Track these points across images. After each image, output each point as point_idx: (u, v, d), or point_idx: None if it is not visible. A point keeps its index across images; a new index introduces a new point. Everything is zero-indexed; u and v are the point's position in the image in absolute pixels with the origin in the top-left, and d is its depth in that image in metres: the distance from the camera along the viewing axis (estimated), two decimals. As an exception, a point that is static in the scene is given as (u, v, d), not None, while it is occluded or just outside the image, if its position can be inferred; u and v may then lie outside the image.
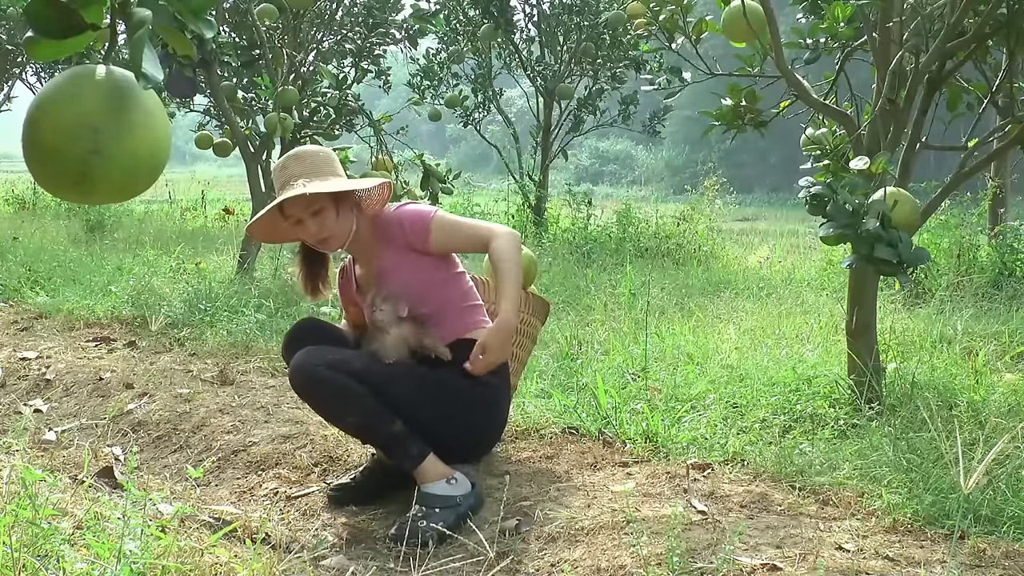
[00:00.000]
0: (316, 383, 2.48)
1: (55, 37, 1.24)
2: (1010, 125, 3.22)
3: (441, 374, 2.60)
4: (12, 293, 6.04)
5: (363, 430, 2.59)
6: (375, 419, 2.50)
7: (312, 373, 2.48)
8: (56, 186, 1.27)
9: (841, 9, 3.32)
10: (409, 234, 2.63)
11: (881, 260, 2.66)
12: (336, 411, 2.56)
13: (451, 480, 2.53)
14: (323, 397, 2.52)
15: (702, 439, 3.00)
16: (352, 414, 2.51)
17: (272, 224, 2.66)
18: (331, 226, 2.60)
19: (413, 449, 2.52)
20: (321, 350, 2.54)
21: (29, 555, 1.70)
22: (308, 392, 2.53)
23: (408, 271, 2.65)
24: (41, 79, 13.15)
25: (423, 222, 2.62)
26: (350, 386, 2.47)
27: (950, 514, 2.34)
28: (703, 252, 8.67)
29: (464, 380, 2.59)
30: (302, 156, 2.62)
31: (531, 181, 10.67)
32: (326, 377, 2.47)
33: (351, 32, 7.79)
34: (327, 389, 2.48)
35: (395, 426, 2.50)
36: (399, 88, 11.18)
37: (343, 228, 2.62)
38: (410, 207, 2.67)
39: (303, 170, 2.57)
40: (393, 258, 2.66)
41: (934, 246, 6.71)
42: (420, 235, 2.62)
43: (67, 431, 3.46)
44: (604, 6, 10.00)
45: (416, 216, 2.64)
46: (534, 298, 3.12)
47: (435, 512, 2.45)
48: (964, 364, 3.81)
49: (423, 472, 2.52)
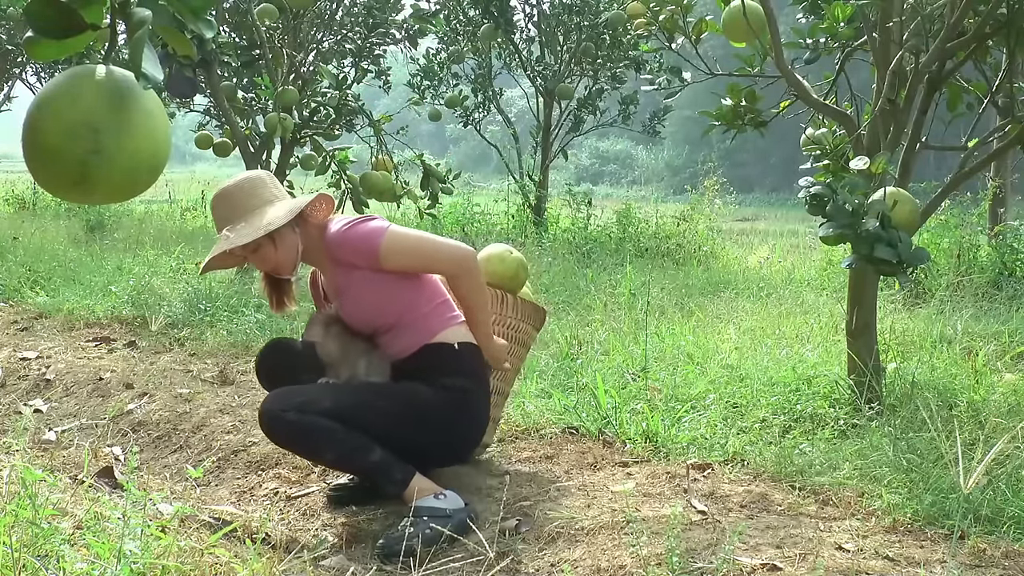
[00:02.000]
0: (286, 428, 2.46)
1: (55, 37, 1.24)
2: (1010, 125, 3.22)
3: (410, 386, 2.58)
4: (12, 293, 6.04)
5: (341, 464, 2.59)
6: (352, 452, 2.48)
7: (280, 418, 2.45)
8: (56, 186, 1.27)
9: (841, 9, 3.32)
10: (357, 255, 2.56)
11: (881, 260, 2.66)
12: (311, 451, 2.56)
13: (439, 496, 2.50)
14: (296, 440, 2.50)
15: (702, 439, 3.00)
16: (327, 451, 2.49)
17: (224, 259, 2.64)
18: (272, 258, 2.58)
19: (396, 474, 2.50)
20: (289, 393, 2.52)
21: (29, 555, 1.70)
22: (279, 437, 2.51)
23: (362, 287, 2.59)
24: (41, 79, 13.15)
25: (371, 243, 2.53)
26: (320, 424, 2.44)
27: (950, 514, 2.34)
28: (703, 252, 8.66)
29: (432, 388, 2.57)
30: (224, 197, 2.58)
31: (531, 181, 10.67)
32: (294, 420, 2.44)
33: (351, 32, 7.79)
34: (297, 432, 2.46)
35: (374, 455, 2.48)
36: (399, 88, 11.18)
37: (287, 255, 2.58)
38: (360, 227, 2.56)
39: (229, 212, 2.55)
40: (344, 277, 2.61)
41: (934, 246, 6.71)
42: (369, 256, 2.55)
43: (67, 431, 3.46)
44: (604, 6, 10.00)
45: (365, 237, 2.55)
46: (527, 304, 3.03)
47: (422, 521, 2.41)
48: (964, 364, 3.81)
49: (411, 493, 2.49)
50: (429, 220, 6.64)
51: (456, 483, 2.77)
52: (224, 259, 2.64)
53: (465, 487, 2.75)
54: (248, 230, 2.51)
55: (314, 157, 6.76)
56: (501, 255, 3.01)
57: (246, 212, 2.54)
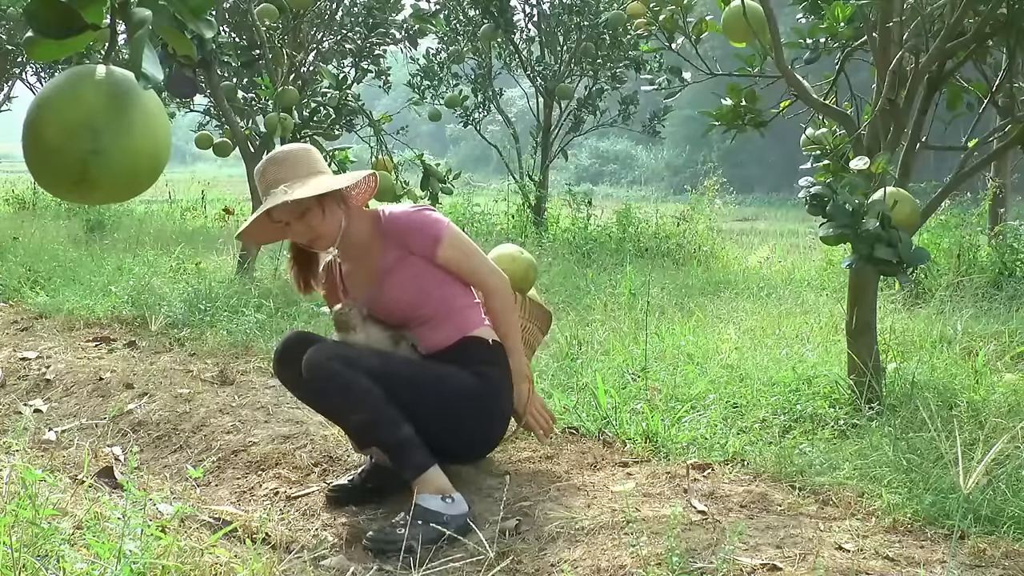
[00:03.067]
0: (327, 375, 2.46)
1: (55, 37, 1.24)
2: (1010, 125, 3.22)
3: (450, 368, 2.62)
4: (12, 293, 6.04)
5: (370, 429, 2.53)
6: (382, 421, 2.47)
7: (324, 365, 2.45)
8: (56, 186, 1.27)
9: (841, 9, 3.32)
10: (419, 239, 2.63)
11: (881, 260, 2.66)
12: (342, 407, 2.53)
13: (447, 498, 2.47)
14: (331, 391, 2.49)
15: (702, 439, 3.00)
16: (360, 411, 2.48)
17: (262, 228, 2.65)
18: (318, 226, 2.59)
19: (417, 457, 2.48)
20: (337, 346, 2.55)
21: (29, 555, 1.70)
22: (316, 384, 2.50)
23: (410, 270, 2.64)
24: (41, 79, 13.15)
25: (436, 230, 2.63)
26: (362, 383, 2.45)
27: (950, 514, 2.34)
28: (703, 252, 8.66)
29: (468, 372, 2.61)
30: (280, 160, 2.60)
31: (531, 181, 10.67)
32: (339, 371, 2.44)
33: (351, 32, 7.80)
34: (338, 384, 2.45)
35: (401, 432, 2.48)
36: (399, 88, 11.18)
37: (331, 227, 2.60)
38: (425, 213, 2.67)
39: (284, 174, 2.55)
40: (396, 259, 2.65)
41: (934, 246, 6.71)
42: (431, 242, 2.63)
43: (67, 431, 3.46)
44: (604, 6, 10.00)
45: (431, 223, 2.65)
46: (534, 305, 3.09)
47: (417, 525, 2.39)
48: (964, 364, 3.81)
49: (422, 483, 2.48)
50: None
51: (456, 483, 2.77)
52: (263, 228, 2.63)
53: (465, 487, 2.75)
54: (304, 189, 2.50)
55: (314, 157, 6.75)
56: (512, 255, 3.08)
57: (299, 176, 2.54)
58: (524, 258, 3.08)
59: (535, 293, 3.20)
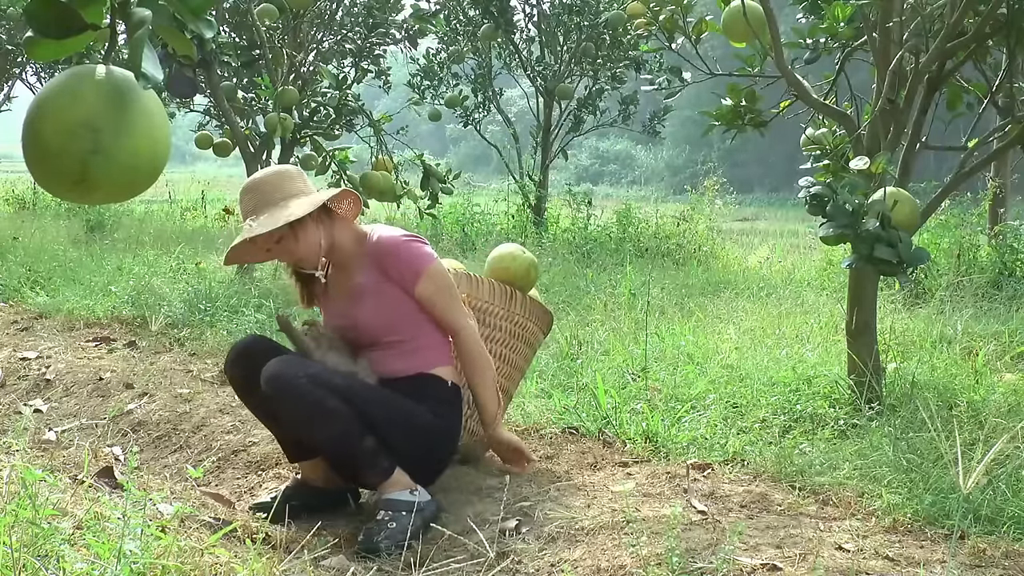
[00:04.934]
0: (296, 393, 2.44)
1: (55, 37, 1.24)
2: (1010, 125, 3.22)
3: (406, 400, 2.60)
4: (12, 293, 6.04)
5: (335, 444, 2.52)
6: (350, 434, 2.48)
7: (293, 383, 2.44)
8: (56, 186, 1.27)
9: (841, 9, 3.32)
10: (400, 269, 2.62)
11: (881, 260, 2.66)
12: (311, 423, 2.50)
13: (413, 491, 2.53)
14: (300, 408, 2.46)
15: (702, 439, 3.00)
16: (329, 427, 2.47)
17: (248, 251, 2.67)
18: (295, 251, 2.61)
19: (384, 462, 2.52)
20: (301, 362, 2.52)
21: (29, 555, 1.70)
22: (286, 402, 2.47)
23: (387, 297, 2.63)
24: (41, 79, 13.15)
25: (420, 264, 2.62)
26: (329, 400, 2.45)
27: (950, 514, 2.34)
28: (703, 252, 8.66)
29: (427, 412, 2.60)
30: (251, 188, 2.62)
31: (531, 181, 10.67)
32: (308, 389, 2.43)
33: (351, 32, 7.80)
34: (307, 401, 2.44)
35: (367, 441, 2.50)
36: (399, 88, 11.18)
37: (308, 249, 2.60)
38: (415, 245, 2.65)
39: (254, 204, 2.58)
40: (374, 283, 2.63)
41: (934, 246, 6.71)
42: (411, 275, 2.62)
43: (67, 431, 3.46)
44: (604, 6, 10.00)
45: (417, 256, 2.63)
46: (535, 304, 3.09)
47: (402, 515, 2.44)
48: (964, 364, 3.81)
49: (390, 484, 2.52)
50: (429, 220, 6.64)
51: (456, 483, 2.78)
52: (248, 251, 2.67)
53: (465, 487, 2.75)
54: (269, 220, 2.54)
55: (314, 157, 6.76)
56: (513, 253, 3.08)
57: (270, 204, 2.57)
58: (525, 257, 3.08)
59: (536, 293, 3.21)
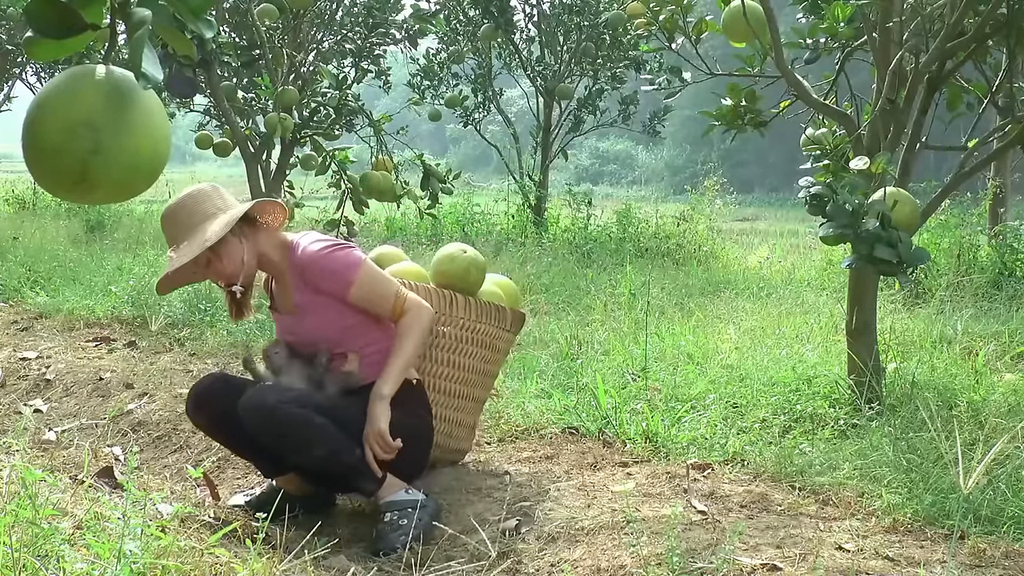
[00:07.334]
0: (284, 419, 2.43)
1: (55, 37, 1.24)
2: (1010, 125, 3.22)
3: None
4: (12, 293, 6.04)
5: (328, 460, 2.51)
6: (340, 450, 2.48)
7: (279, 409, 2.43)
8: (56, 186, 1.27)
9: (841, 9, 3.32)
10: (327, 282, 2.57)
11: (881, 260, 2.66)
12: (302, 445, 2.48)
13: (408, 490, 2.54)
14: (289, 432, 2.45)
15: (702, 439, 3.00)
16: (320, 446, 2.47)
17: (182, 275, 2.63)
18: (221, 269, 2.58)
19: (377, 472, 2.52)
20: (279, 389, 2.52)
21: (29, 555, 1.70)
22: (273, 427, 2.46)
23: (329, 311, 2.60)
24: (41, 79, 13.13)
25: (346, 276, 2.55)
26: (316, 419, 2.45)
27: (950, 514, 2.34)
28: (703, 252, 8.66)
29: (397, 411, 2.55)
30: (168, 216, 2.59)
31: (531, 181, 10.66)
32: (296, 412, 2.43)
33: (351, 32, 7.80)
34: (296, 424, 2.44)
35: (357, 453, 2.50)
36: (399, 88, 11.18)
37: (232, 266, 2.57)
38: (337, 255, 2.57)
39: (174, 233, 2.55)
40: (309, 298, 2.61)
41: (934, 246, 6.71)
42: (340, 287, 2.56)
43: (67, 431, 3.46)
44: (604, 6, 10.00)
45: (341, 267, 2.56)
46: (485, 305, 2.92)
47: (409, 512, 2.46)
48: (964, 364, 3.80)
49: (385, 488, 2.53)
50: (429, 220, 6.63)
51: (456, 483, 2.78)
52: (183, 275, 2.63)
53: (465, 487, 2.75)
54: (189, 249, 2.50)
55: (314, 157, 6.76)
56: (452, 255, 2.94)
57: (189, 230, 2.53)
58: (465, 257, 2.92)
59: (512, 286, 3.13)
